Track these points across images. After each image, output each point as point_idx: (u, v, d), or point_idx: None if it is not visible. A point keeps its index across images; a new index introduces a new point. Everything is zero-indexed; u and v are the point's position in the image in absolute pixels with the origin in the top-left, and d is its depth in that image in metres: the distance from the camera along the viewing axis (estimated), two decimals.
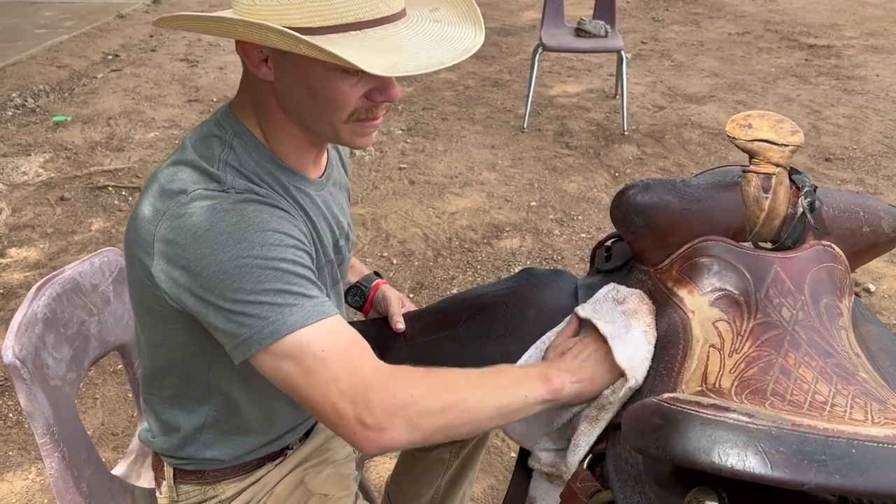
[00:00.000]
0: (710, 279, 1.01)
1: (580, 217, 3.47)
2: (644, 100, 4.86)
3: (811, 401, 0.84)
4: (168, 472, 1.17)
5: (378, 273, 1.42)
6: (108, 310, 1.36)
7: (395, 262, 3.12)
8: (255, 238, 0.90)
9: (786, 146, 1.03)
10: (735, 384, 0.88)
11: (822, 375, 0.88)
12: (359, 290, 1.38)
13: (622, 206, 1.08)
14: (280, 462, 1.20)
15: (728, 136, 1.05)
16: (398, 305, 1.33)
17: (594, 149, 4.17)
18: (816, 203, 1.04)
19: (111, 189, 3.72)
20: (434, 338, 1.22)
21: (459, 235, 3.32)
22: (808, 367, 0.89)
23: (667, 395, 0.83)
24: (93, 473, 1.22)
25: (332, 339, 0.91)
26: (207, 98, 4.89)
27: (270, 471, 1.19)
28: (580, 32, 4.36)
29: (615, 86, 4.88)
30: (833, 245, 1.05)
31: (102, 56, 5.72)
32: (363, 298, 1.38)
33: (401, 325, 1.28)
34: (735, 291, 0.98)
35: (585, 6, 5.74)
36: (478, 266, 3.10)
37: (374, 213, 3.48)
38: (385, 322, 1.30)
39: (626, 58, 4.31)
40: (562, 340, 1.08)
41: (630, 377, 0.98)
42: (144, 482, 1.39)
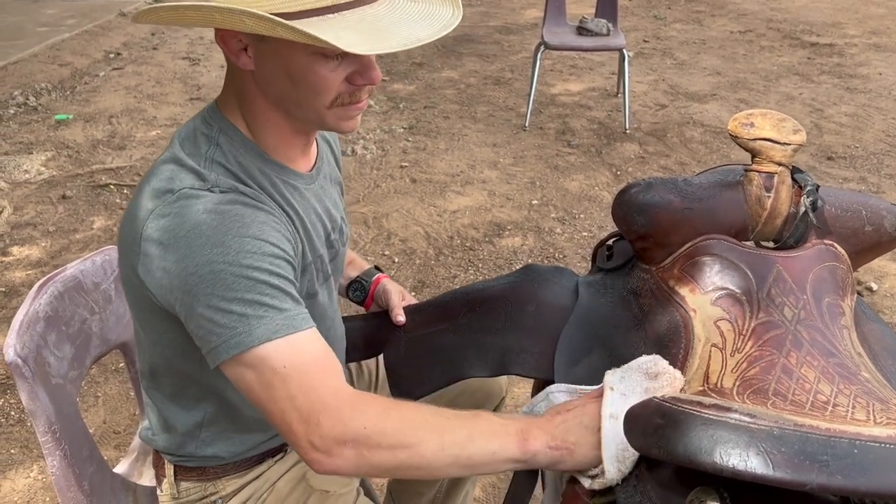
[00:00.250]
0: (712, 278, 1.00)
1: (582, 216, 3.47)
2: (646, 98, 4.85)
3: (813, 401, 0.84)
4: (169, 470, 1.17)
5: (379, 267, 1.42)
6: (110, 308, 1.36)
7: (397, 261, 3.12)
8: (232, 244, 0.90)
9: (788, 145, 1.03)
10: (737, 384, 0.88)
11: (825, 375, 0.88)
12: (360, 285, 1.38)
13: (624, 205, 1.08)
14: (281, 458, 1.21)
15: (730, 135, 1.04)
16: (398, 298, 1.33)
17: (596, 147, 4.16)
18: (819, 202, 1.04)
19: (113, 187, 3.72)
20: (433, 330, 1.22)
21: (461, 234, 3.32)
22: (811, 367, 0.89)
23: (668, 395, 0.82)
24: (94, 472, 1.22)
25: (295, 356, 0.90)
26: (209, 96, 4.89)
27: (271, 467, 1.19)
28: (582, 31, 4.35)
29: (617, 84, 4.87)
30: (835, 244, 1.05)
31: (104, 54, 5.73)
32: (364, 293, 1.38)
33: (401, 318, 1.28)
34: (737, 290, 0.98)
35: (587, 4, 5.74)
36: (479, 265, 3.10)
37: (376, 212, 3.48)
38: (385, 315, 1.30)
39: (628, 56, 4.31)
40: (575, 399, 0.98)
41: (606, 467, 0.87)
42: (146, 480, 1.39)
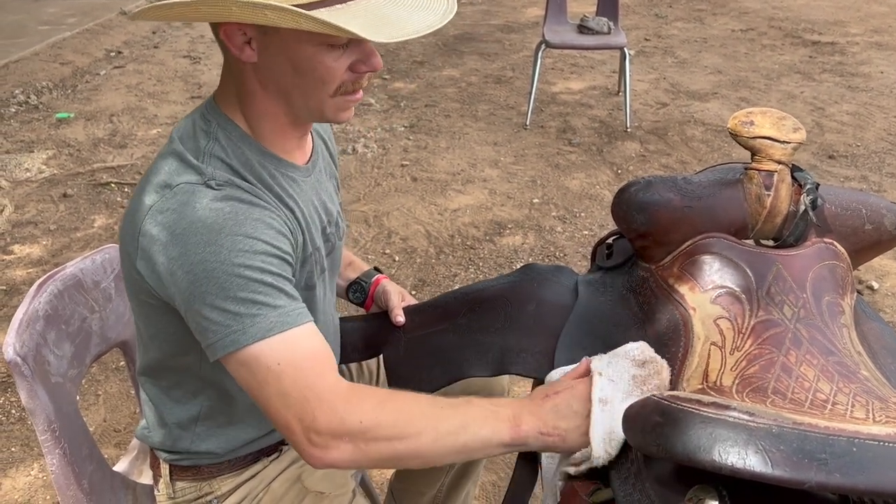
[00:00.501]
0: (712, 276, 1.00)
1: (583, 214, 3.47)
2: (647, 97, 4.85)
3: (812, 399, 0.84)
4: (164, 469, 1.17)
5: (378, 269, 1.43)
6: (110, 306, 1.36)
7: (398, 260, 3.12)
8: (225, 242, 0.91)
9: (788, 143, 1.02)
10: (736, 382, 0.88)
11: (824, 373, 0.88)
12: (359, 286, 1.39)
13: (624, 204, 1.08)
14: (276, 458, 1.21)
15: (730, 133, 1.04)
16: (398, 299, 1.33)
17: (597, 146, 4.16)
18: (818, 200, 1.04)
19: (114, 186, 3.72)
20: (433, 330, 1.22)
21: (462, 232, 3.32)
22: (810, 366, 0.89)
23: (667, 393, 0.82)
24: (94, 470, 1.22)
25: (289, 353, 0.91)
26: (209, 94, 4.89)
27: (266, 466, 1.19)
28: (583, 29, 4.35)
29: (618, 83, 4.87)
30: (835, 243, 1.04)
31: (105, 53, 5.73)
32: (364, 294, 1.38)
33: (400, 319, 1.28)
34: (737, 289, 0.98)
35: (588, 3, 5.73)
36: (480, 263, 3.10)
37: (377, 210, 3.48)
38: (385, 316, 1.30)
39: (630, 54, 4.30)
40: (562, 380, 1.00)
41: (594, 453, 0.89)
42: (146, 479, 1.39)
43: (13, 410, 2.34)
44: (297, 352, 0.92)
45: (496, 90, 5.02)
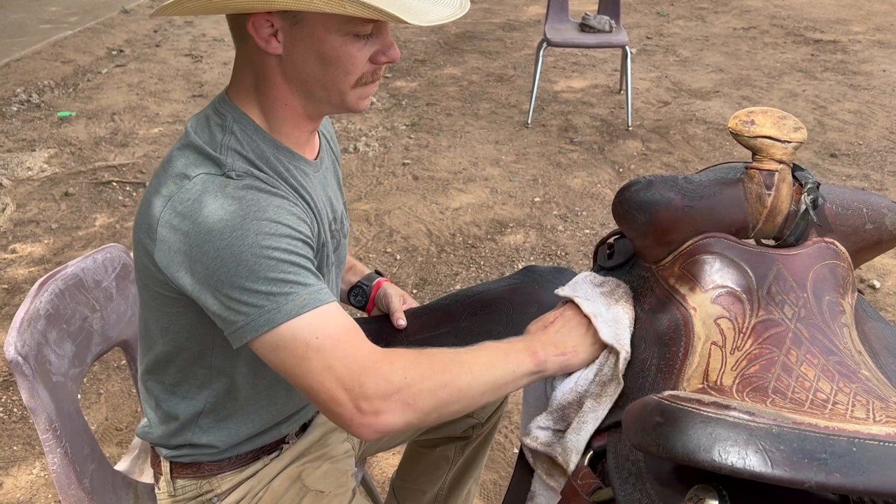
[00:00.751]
0: (713, 276, 1.00)
1: (584, 213, 3.47)
2: (649, 95, 4.84)
3: (812, 399, 0.84)
4: (165, 467, 1.17)
5: (379, 272, 1.43)
6: (111, 306, 1.36)
7: (399, 258, 3.12)
8: (251, 227, 0.92)
9: (789, 143, 1.02)
10: (736, 382, 0.88)
11: (824, 373, 0.88)
12: (361, 290, 1.39)
13: (624, 203, 1.07)
14: (276, 456, 1.21)
15: (731, 133, 1.04)
16: (399, 302, 1.33)
17: (598, 144, 4.16)
18: (819, 200, 1.04)
19: (115, 184, 3.72)
20: (435, 333, 1.22)
21: (463, 231, 3.32)
22: (810, 365, 0.89)
23: (667, 393, 0.82)
24: (95, 469, 1.22)
25: (326, 327, 0.93)
26: (211, 93, 4.90)
27: (267, 465, 1.20)
28: (585, 27, 4.35)
29: (620, 81, 4.87)
30: (836, 242, 1.04)
31: (107, 51, 5.73)
32: (365, 298, 1.38)
33: (402, 322, 1.28)
34: (737, 288, 0.98)
35: (590, 1, 5.73)
36: (481, 262, 3.10)
37: (378, 209, 3.48)
38: (387, 319, 1.31)
39: (631, 53, 4.30)
40: (546, 315, 1.09)
41: (620, 349, 1.00)
42: (147, 478, 1.40)
43: (15, 409, 2.35)
44: (333, 325, 0.93)
45: (497, 89, 5.02)
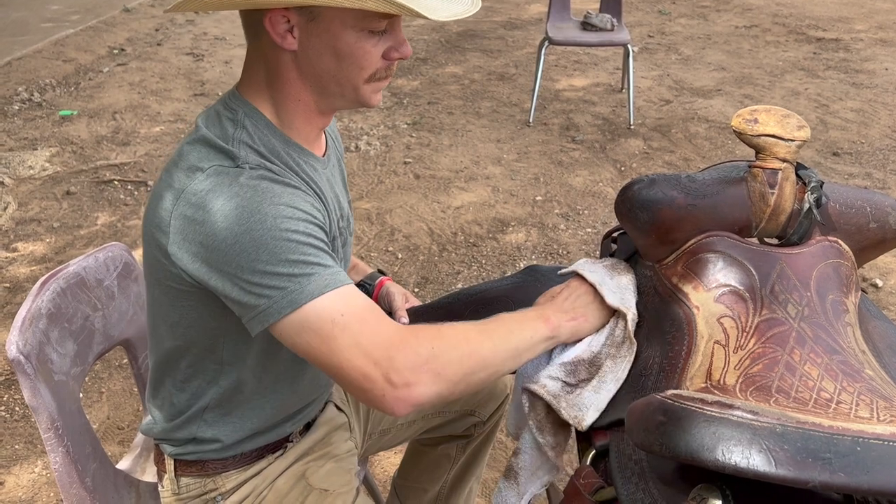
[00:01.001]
0: (716, 275, 1.00)
1: (586, 211, 3.46)
2: (650, 94, 4.84)
3: (816, 398, 0.83)
4: (169, 465, 1.17)
5: (382, 271, 1.43)
6: (113, 304, 1.36)
7: (400, 257, 3.12)
8: (269, 211, 0.93)
9: (792, 141, 1.02)
10: (739, 381, 0.87)
11: (828, 372, 0.88)
12: (363, 289, 1.39)
13: (627, 202, 1.07)
14: (280, 455, 1.21)
15: (734, 131, 1.04)
16: (402, 301, 1.33)
17: (600, 143, 4.16)
18: (823, 199, 1.03)
19: (117, 183, 3.72)
20: None
21: (464, 230, 3.32)
22: (814, 364, 0.89)
23: (670, 392, 0.82)
24: (97, 468, 1.22)
25: (350, 306, 0.93)
26: (213, 92, 4.90)
27: (271, 463, 1.20)
28: (586, 26, 4.34)
29: (621, 80, 4.86)
30: (839, 241, 1.04)
31: (108, 50, 5.73)
32: (368, 296, 1.38)
33: (405, 321, 1.29)
34: (740, 287, 0.98)
35: None
36: (483, 261, 3.10)
37: (380, 208, 3.48)
38: (390, 317, 1.30)
39: (633, 51, 4.30)
40: (551, 289, 1.13)
41: (626, 311, 1.04)
42: (149, 476, 1.40)
43: (17, 408, 2.35)
44: (356, 304, 0.94)
45: (499, 87, 5.01)
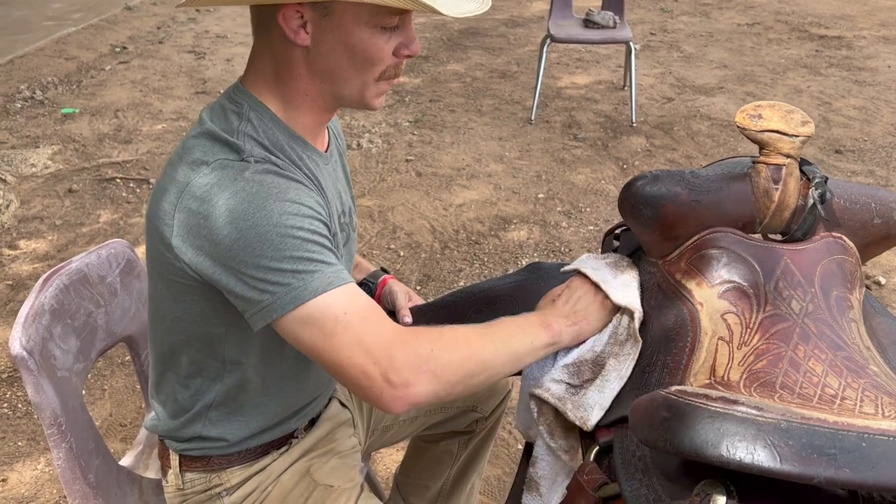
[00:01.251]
0: (719, 271, 1.00)
1: (588, 209, 3.46)
2: (653, 91, 4.83)
3: (821, 394, 0.83)
4: (174, 460, 1.17)
5: (385, 269, 1.43)
6: (116, 301, 1.36)
7: (403, 255, 3.11)
8: (274, 207, 0.93)
9: (796, 137, 1.01)
10: (744, 377, 0.87)
11: (832, 368, 0.87)
12: (366, 287, 1.39)
13: (631, 198, 1.07)
14: (285, 451, 1.21)
15: (738, 127, 1.03)
16: (405, 300, 1.33)
17: (602, 140, 4.15)
18: (827, 194, 1.03)
19: (119, 181, 3.73)
20: None
21: (467, 228, 3.32)
22: (818, 360, 0.89)
23: (674, 388, 0.82)
24: (100, 464, 1.22)
25: (352, 304, 0.94)
26: (215, 90, 4.90)
27: (276, 459, 1.20)
28: (588, 23, 4.34)
29: (624, 77, 4.85)
30: (844, 237, 1.04)
31: (110, 48, 5.73)
32: (371, 295, 1.38)
33: (408, 319, 1.28)
34: (744, 283, 0.98)
35: None
36: (485, 258, 3.10)
37: (382, 206, 3.48)
38: (392, 316, 1.30)
39: (635, 49, 4.29)
40: (550, 292, 1.13)
41: (634, 310, 1.04)
42: (152, 473, 1.40)
43: (19, 405, 2.35)
44: (359, 302, 0.95)
45: (501, 85, 5.01)
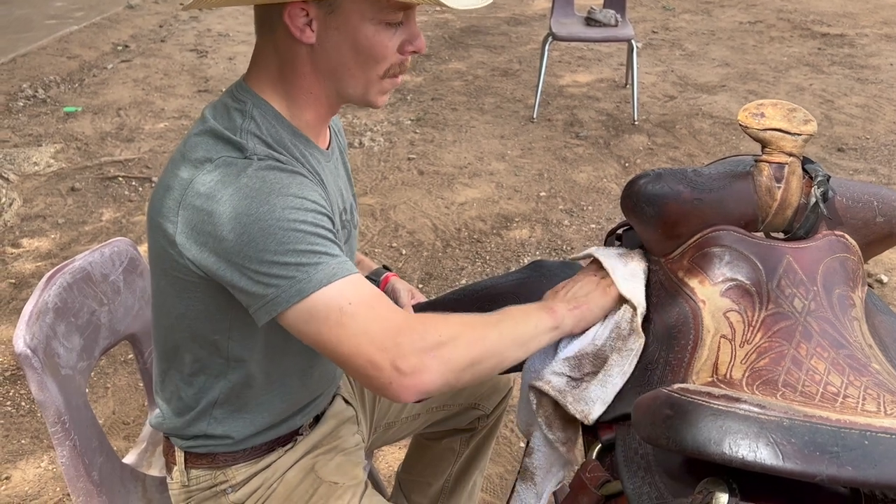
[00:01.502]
0: (722, 269, 1.00)
1: (590, 207, 3.46)
2: (655, 89, 4.83)
3: (823, 392, 0.83)
4: (179, 457, 1.17)
5: (387, 266, 1.43)
6: (119, 299, 1.36)
7: (405, 253, 3.12)
8: (277, 202, 0.93)
9: (799, 135, 1.01)
10: (746, 375, 0.87)
11: (835, 366, 0.88)
12: None
13: (633, 196, 1.07)
14: (290, 448, 1.21)
15: (740, 125, 1.03)
16: (408, 297, 1.34)
17: (604, 139, 4.15)
18: (830, 193, 1.03)
19: (121, 179, 3.73)
20: None
21: (468, 226, 3.32)
22: (820, 358, 0.89)
23: (677, 386, 0.82)
24: (104, 462, 1.23)
25: (358, 294, 0.94)
26: (217, 88, 4.90)
27: (281, 456, 1.20)
28: (590, 21, 4.33)
29: (625, 75, 4.85)
30: (846, 235, 1.04)
31: (112, 47, 5.74)
32: None
33: None
34: (747, 282, 0.98)
35: None
36: (487, 257, 3.10)
37: (383, 204, 3.48)
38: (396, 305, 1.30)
39: (637, 47, 4.29)
40: (556, 287, 1.14)
41: (637, 305, 1.04)
42: (155, 471, 1.40)
43: (23, 403, 2.35)
44: (364, 292, 0.95)
45: (503, 83, 5.00)
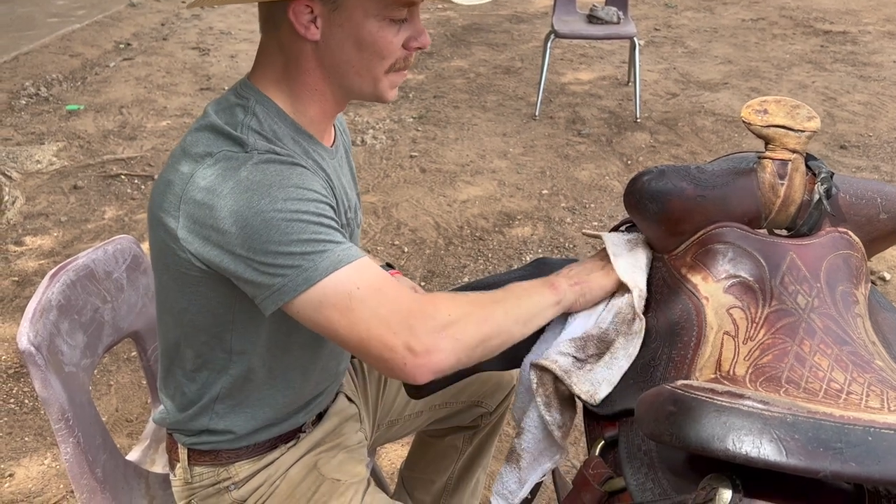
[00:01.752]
0: (725, 266, 1.00)
1: (592, 205, 3.46)
2: (657, 87, 4.82)
3: (826, 388, 0.83)
4: (182, 454, 1.18)
5: (390, 264, 1.43)
6: (122, 297, 1.36)
7: (407, 251, 3.12)
8: (279, 193, 0.93)
9: (802, 132, 1.01)
10: (749, 371, 0.87)
11: (838, 363, 0.88)
12: None
13: (636, 193, 1.07)
14: (293, 445, 1.22)
15: (743, 122, 1.03)
16: None
17: (606, 136, 4.15)
18: (833, 189, 1.03)
19: (124, 177, 3.73)
20: None
21: (471, 224, 3.32)
22: (824, 355, 0.89)
23: (680, 382, 0.82)
24: (107, 459, 1.23)
25: (365, 278, 0.94)
26: (219, 86, 4.90)
27: (284, 453, 1.20)
28: (592, 19, 4.33)
29: (628, 73, 4.85)
30: (849, 232, 1.04)
31: (114, 45, 5.74)
32: None
33: None
34: (750, 278, 0.98)
35: None
36: (489, 254, 3.10)
37: (386, 202, 3.48)
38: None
39: (639, 45, 4.28)
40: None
41: (633, 288, 1.05)
42: (158, 467, 1.40)
43: (26, 400, 2.36)
44: (371, 276, 0.95)
45: (505, 81, 5.00)
